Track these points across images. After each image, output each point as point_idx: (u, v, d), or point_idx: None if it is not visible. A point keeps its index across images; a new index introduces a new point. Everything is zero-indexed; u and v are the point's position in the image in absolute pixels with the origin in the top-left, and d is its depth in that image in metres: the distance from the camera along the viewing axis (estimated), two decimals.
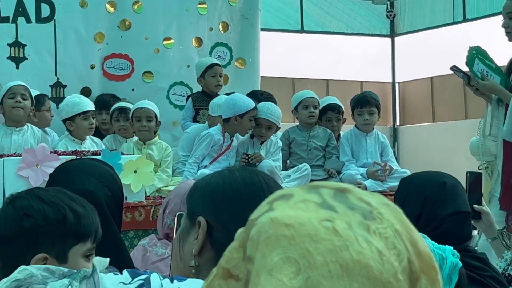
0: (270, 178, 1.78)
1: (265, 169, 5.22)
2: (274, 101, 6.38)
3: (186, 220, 1.73)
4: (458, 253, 2.33)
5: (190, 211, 1.72)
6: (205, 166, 5.61)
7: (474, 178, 3.46)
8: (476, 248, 4.16)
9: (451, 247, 2.33)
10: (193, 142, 5.87)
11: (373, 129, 6.19)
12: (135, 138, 5.91)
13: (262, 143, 5.89)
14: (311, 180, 5.92)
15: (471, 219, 3.17)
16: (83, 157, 4.53)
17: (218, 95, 6.53)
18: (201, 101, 6.65)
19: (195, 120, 6.58)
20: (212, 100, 6.19)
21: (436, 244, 2.33)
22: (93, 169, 2.60)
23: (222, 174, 1.76)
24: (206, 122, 6.15)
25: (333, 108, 6.41)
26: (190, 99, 6.72)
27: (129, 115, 5.96)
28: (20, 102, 5.41)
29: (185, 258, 1.69)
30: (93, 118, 5.75)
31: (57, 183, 2.43)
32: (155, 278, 1.62)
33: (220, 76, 6.69)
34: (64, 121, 5.68)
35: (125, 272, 1.66)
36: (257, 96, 6.44)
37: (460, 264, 2.35)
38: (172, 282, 1.61)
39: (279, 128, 5.96)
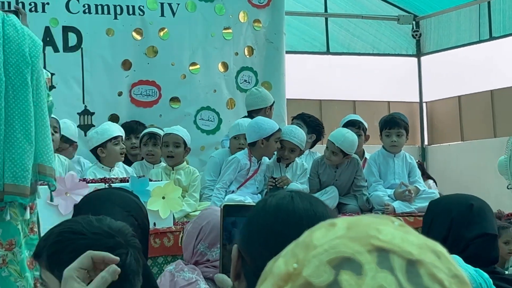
0: (315, 202, 1.69)
1: None
2: (319, 125, 6.44)
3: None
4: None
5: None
6: (233, 191, 5.62)
7: None
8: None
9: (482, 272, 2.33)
10: (219, 166, 5.89)
11: (401, 150, 6.18)
12: (163, 163, 5.95)
13: (287, 166, 5.90)
14: (339, 203, 5.92)
15: None
16: (111, 185, 4.56)
17: None
18: None
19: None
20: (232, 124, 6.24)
21: (471, 267, 2.32)
22: (118, 198, 2.62)
23: (260, 200, 1.73)
24: (227, 148, 6.19)
25: (353, 124, 6.41)
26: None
27: (158, 141, 6.00)
28: (52, 134, 5.46)
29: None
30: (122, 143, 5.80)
31: (83, 214, 2.46)
32: None
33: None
34: (94, 149, 5.71)
35: None
36: (304, 119, 6.50)
37: (490, 280, 2.35)
38: None
39: (303, 152, 5.97)
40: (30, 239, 3.33)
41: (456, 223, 2.88)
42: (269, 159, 5.86)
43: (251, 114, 6.66)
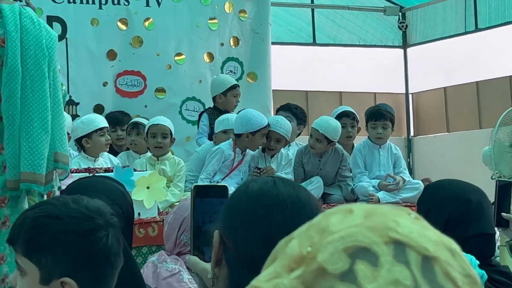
0: (297, 188, 1.66)
1: None
2: (304, 117, 6.46)
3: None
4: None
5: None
6: (217, 182, 5.62)
7: (504, 187, 3.44)
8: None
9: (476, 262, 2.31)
10: (202, 161, 5.87)
11: (386, 141, 6.18)
12: (149, 154, 5.94)
13: (272, 156, 5.90)
14: (323, 193, 5.91)
15: (499, 227, 3.15)
16: (95, 174, 4.55)
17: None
18: (215, 117, 6.66)
19: (210, 137, 6.56)
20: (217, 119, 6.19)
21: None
22: (103, 186, 2.61)
23: (241, 185, 1.70)
24: (211, 142, 6.17)
25: (348, 115, 6.42)
26: (205, 114, 6.69)
27: (142, 130, 6.00)
28: None
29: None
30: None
31: None
32: None
33: (239, 96, 6.73)
34: (79, 139, 5.70)
35: None
36: (292, 110, 6.50)
37: (486, 276, 2.34)
38: None
39: (289, 142, 5.97)
40: None
41: (453, 220, 2.82)
42: (252, 151, 5.85)
43: (214, 100, 6.70)
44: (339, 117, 6.37)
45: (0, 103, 3.29)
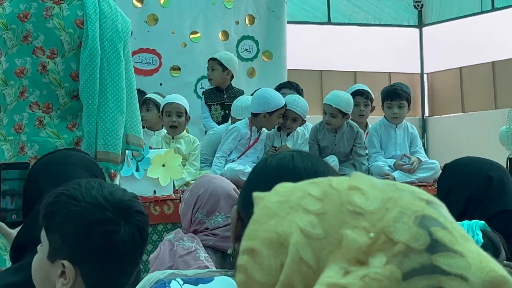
0: (316, 162, 1.64)
1: None
2: (300, 92, 6.40)
3: None
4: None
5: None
6: (233, 160, 5.61)
7: None
8: None
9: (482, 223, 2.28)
10: (213, 145, 5.86)
11: (403, 121, 6.15)
12: (164, 131, 5.94)
13: (288, 135, 5.89)
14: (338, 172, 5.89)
15: None
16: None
17: (233, 88, 6.55)
18: (212, 96, 6.65)
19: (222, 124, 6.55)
20: (234, 103, 6.15)
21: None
22: (78, 160, 2.55)
23: (260, 161, 1.69)
24: (229, 122, 6.15)
25: (361, 93, 6.37)
26: (203, 96, 6.73)
27: (151, 106, 6.01)
28: None
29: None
30: None
31: (44, 179, 2.41)
32: (175, 286, 1.59)
33: (212, 69, 6.56)
34: None
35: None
36: (295, 87, 6.46)
37: (481, 241, 2.31)
38: (196, 285, 1.58)
39: (305, 121, 5.94)
40: None
41: (474, 199, 2.80)
42: (269, 130, 5.83)
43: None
44: (352, 95, 6.33)
45: (79, 83, 3.36)
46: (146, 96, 6.29)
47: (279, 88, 6.44)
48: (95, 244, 1.85)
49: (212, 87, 6.75)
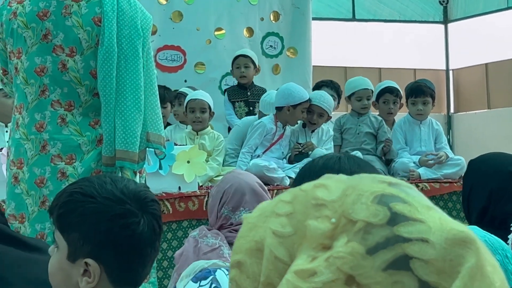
0: (363, 165, 1.67)
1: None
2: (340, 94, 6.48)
3: None
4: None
5: None
6: (258, 156, 5.61)
7: None
8: None
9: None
10: (242, 135, 5.88)
11: (427, 117, 6.13)
12: (189, 127, 5.97)
13: (313, 131, 5.89)
14: None
15: None
16: None
17: (255, 86, 6.57)
18: (236, 93, 6.67)
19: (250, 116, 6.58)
20: (263, 97, 6.18)
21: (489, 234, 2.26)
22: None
23: (309, 161, 1.73)
24: (257, 115, 6.17)
25: (391, 91, 6.38)
26: (226, 93, 6.76)
27: (182, 100, 6.06)
28: None
29: None
30: None
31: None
32: (221, 276, 1.60)
33: (246, 67, 6.64)
34: None
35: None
36: (335, 87, 6.51)
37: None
38: None
39: (331, 117, 5.95)
40: None
41: (495, 195, 2.80)
42: (292, 126, 5.83)
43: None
44: (381, 92, 6.35)
45: (97, 81, 3.37)
46: (179, 90, 6.35)
47: (320, 86, 6.47)
48: (118, 239, 1.86)
49: (235, 84, 6.77)
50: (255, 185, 3.52)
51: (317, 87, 6.49)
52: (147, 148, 3.50)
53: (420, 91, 6.06)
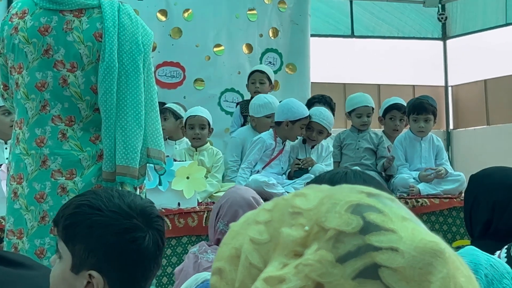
0: (369, 180, 1.68)
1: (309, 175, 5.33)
2: (333, 107, 6.46)
3: None
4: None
5: None
6: (258, 171, 5.61)
7: None
8: None
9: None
10: (241, 145, 5.89)
11: (428, 134, 6.14)
12: (185, 140, 5.98)
13: (313, 147, 5.89)
14: None
15: None
16: None
17: None
18: (248, 108, 6.67)
19: (243, 126, 6.61)
20: (251, 101, 6.21)
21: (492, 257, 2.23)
22: None
23: (316, 176, 1.76)
24: (250, 124, 6.18)
25: (399, 108, 6.39)
26: (238, 106, 6.77)
27: (168, 115, 6.06)
28: None
29: None
30: None
31: None
32: None
33: (261, 83, 6.66)
34: None
35: None
36: (328, 102, 6.50)
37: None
38: None
39: (330, 134, 5.95)
40: None
41: (498, 208, 2.80)
42: (291, 141, 5.84)
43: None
44: (389, 109, 6.37)
45: (97, 96, 3.37)
46: (164, 106, 6.34)
47: (312, 103, 6.46)
48: (124, 252, 1.86)
49: (248, 98, 6.77)
50: (250, 199, 3.57)
51: (310, 103, 6.47)
52: (147, 164, 3.49)
53: (422, 108, 6.05)
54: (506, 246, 2.37)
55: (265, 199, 5.17)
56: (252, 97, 6.70)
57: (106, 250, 1.85)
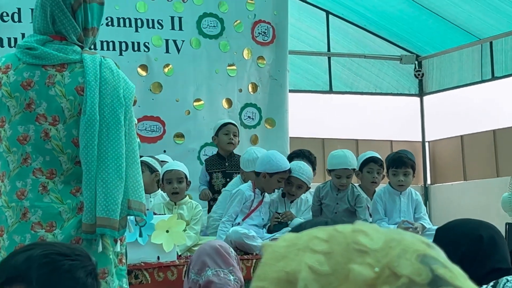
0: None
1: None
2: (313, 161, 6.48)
3: None
4: None
5: None
6: (239, 223, 5.61)
7: None
8: None
9: None
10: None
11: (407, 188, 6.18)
12: (160, 193, 5.98)
13: (292, 201, 5.91)
14: None
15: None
16: None
17: (235, 155, 6.58)
18: (214, 164, 6.69)
19: (210, 184, 6.61)
20: (242, 155, 6.24)
21: None
22: None
23: (296, 225, 1.82)
24: (239, 176, 6.20)
25: (376, 161, 6.43)
26: (204, 163, 6.78)
27: (143, 168, 6.04)
28: None
29: None
30: None
31: None
32: None
33: (234, 136, 6.70)
34: None
35: None
36: (307, 156, 6.50)
37: None
38: None
39: (309, 188, 5.97)
40: (119, 269, 3.46)
41: (467, 259, 2.79)
42: (268, 193, 5.83)
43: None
44: (366, 162, 6.40)
45: (79, 149, 3.39)
46: (140, 159, 6.33)
47: (291, 157, 6.48)
48: None
49: (214, 154, 6.80)
50: (216, 246, 3.70)
51: (289, 158, 6.50)
52: (128, 216, 3.50)
53: (401, 162, 6.11)
54: (491, 284, 2.38)
55: (246, 252, 5.17)
56: (218, 152, 6.71)
57: None
